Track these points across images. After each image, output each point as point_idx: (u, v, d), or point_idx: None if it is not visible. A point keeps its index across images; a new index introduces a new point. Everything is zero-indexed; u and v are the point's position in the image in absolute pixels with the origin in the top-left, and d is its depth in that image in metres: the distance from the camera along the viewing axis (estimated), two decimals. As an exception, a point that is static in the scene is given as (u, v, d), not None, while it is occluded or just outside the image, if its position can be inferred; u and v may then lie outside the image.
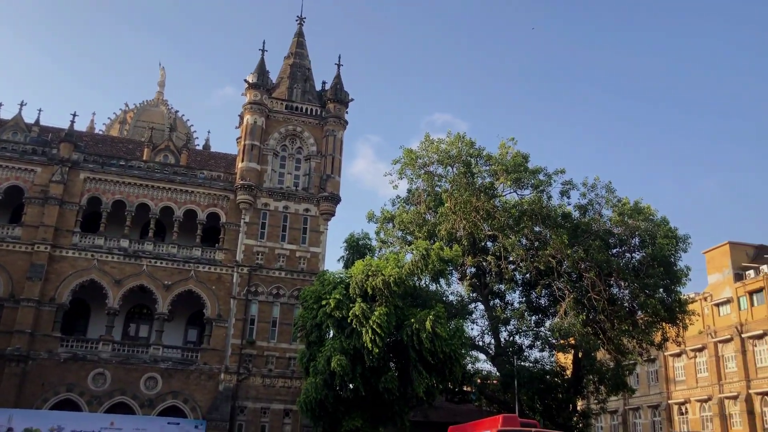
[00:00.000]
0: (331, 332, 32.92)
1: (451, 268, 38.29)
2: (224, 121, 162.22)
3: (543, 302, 40.52)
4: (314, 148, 45.24)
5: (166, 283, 40.61)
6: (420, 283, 35.47)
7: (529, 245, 37.23)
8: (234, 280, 41.29)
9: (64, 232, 40.15)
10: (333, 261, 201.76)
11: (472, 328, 41.36)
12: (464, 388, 41.15)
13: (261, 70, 45.27)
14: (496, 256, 37.11)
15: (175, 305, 40.94)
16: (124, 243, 40.97)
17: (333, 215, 44.26)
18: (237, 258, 41.73)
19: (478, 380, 40.71)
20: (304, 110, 46.22)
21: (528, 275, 38.52)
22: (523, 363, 39.22)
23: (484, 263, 38.10)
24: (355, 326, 30.82)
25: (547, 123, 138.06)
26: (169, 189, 42.65)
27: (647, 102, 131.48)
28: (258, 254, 42.10)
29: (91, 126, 61.49)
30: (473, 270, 40.21)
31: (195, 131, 64.19)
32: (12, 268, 38.71)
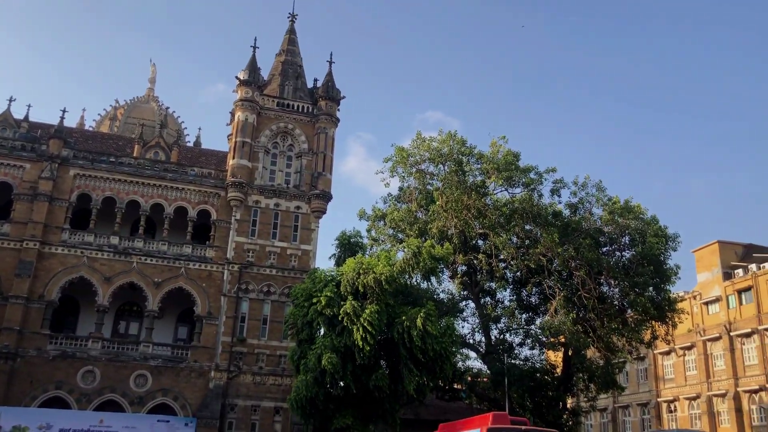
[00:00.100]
0: (322, 330, 32.89)
1: (442, 266, 38.32)
2: (215, 118, 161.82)
3: (533, 300, 40.63)
4: (305, 146, 45.17)
5: (157, 280, 40.47)
6: (411, 281, 35.51)
7: (520, 243, 37.33)
8: (225, 278, 41.20)
9: (54, 229, 39.93)
10: (324, 259, 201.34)
11: (463, 326, 41.44)
12: (455, 386, 41.22)
13: (252, 67, 45.14)
14: (487, 254, 37.18)
15: (165, 303, 40.82)
16: (114, 240, 40.78)
17: (324, 213, 44.24)
18: (228, 255, 41.63)
19: (469, 378, 40.80)
20: (295, 107, 46.14)
21: (518, 273, 38.61)
22: (513, 361, 39.31)
23: (475, 261, 38.16)
24: (346, 324, 30.81)
25: (539, 122, 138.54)
26: (160, 186, 42.49)
27: (638, 102, 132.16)
28: (249, 252, 42.02)
29: (81, 122, 61.18)
30: (464, 268, 40.26)
31: (186, 128, 63.98)
32: (0, 264, 38.44)
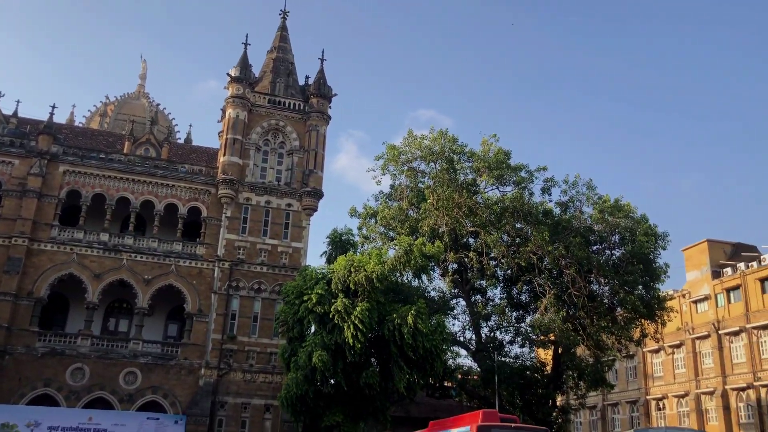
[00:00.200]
0: (313, 327, 32.89)
1: (433, 263, 38.40)
2: (207, 115, 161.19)
3: (524, 298, 40.74)
4: (297, 143, 45.08)
5: (147, 277, 40.31)
6: (402, 278, 35.53)
7: (511, 242, 37.42)
8: (215, 275, 41.08)
9: (43, 226, 39.68)
10: (315, 256, 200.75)
11: (454, 324, 41.50)
12: (445, 384, 41.31)
13: (244, 63, 45.00)
14: (477, 252, 37.26)
15: (155, 300, 40.66)
16: (104, 237, 40.58)
17: (315, 210, 44.19)
18: (218, 253, 41.52)
19: (459, 375, 40.88)
20: (286, 105, 46.03)
21: (509, 271, 38.71)
22: (503, 359, 39.45)
23: (466, 259, 38.23)
24: (336, 322, 30.80)
25: (530, 120, 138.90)
26: (150, 183, 42.30)
27: (629, 102, 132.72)
28: (239, 249, 41.92)
29: (71, 118, 60.80)
30: (455, 266, 40.34)
31: (176, 125, 63.72)
32: (-11, 261, 38.16)
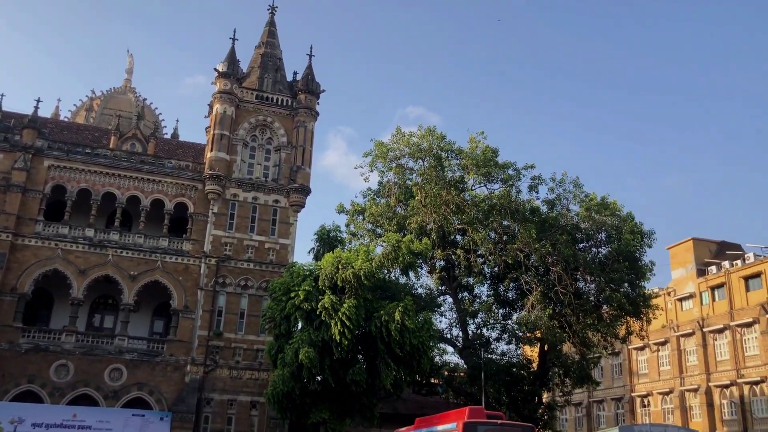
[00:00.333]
0: (300, 324, 32.86)
1: (421, 261, 38.52)
2: (194, 111, 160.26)
3: (510, 295, 40.92)
4: (285, 139, 44.91)
5: (132, 273, 40.01)
6: (389, 275, 35.56)
7: (498, 239, 37.56)
8: (201, 271, 40.87)
9: (27, 221, 39.28)
10: (303, 253, 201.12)
11: (441, 321, 41.67)
12: (432, 381, 41.44)
13: (231, 59, 44.73)
14: (465, 250, 37.35)
15: (141, 296, 40.37)
16: (89, 232, 40.24)
17: (303, 207, 44.04)
18: (205, 249, 41.30)
19: (446, 372, 41.04)
20: (274, 100, 45.82)
21: (496, 269, 38.88)
22: (490, 356, 39.64)
23: (453, 256, 38.32)
24: (324, 318, 30.79)
25: (519, 118, 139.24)
26: (136, 178, 41.98)
27: (616, 100, 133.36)
28: (226, 245, 41.73)
29: (56, 113, 60.17)
30: (442, 263, 40.44)
31: (163, 120, 63.22)
32: (-28, 256, 37.77)
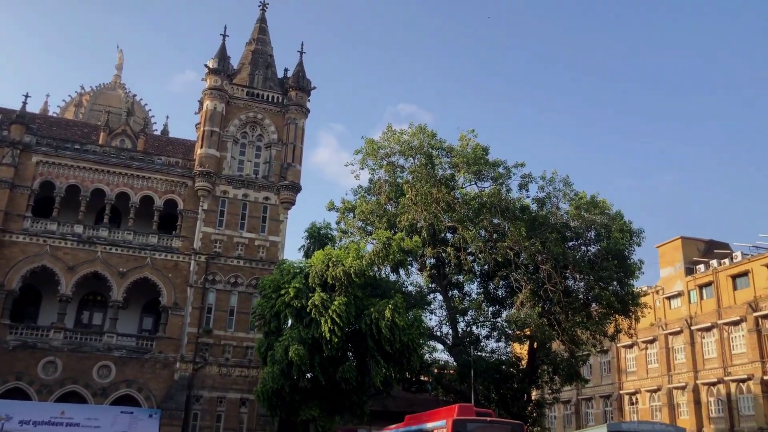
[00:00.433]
0: (290, 322, 32.85)
1: (411, 258, 38.55)
2: (184, 107, 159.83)
3: (500, 293, 41.01)
4: (275, 136, 44.80)
5: (122, 270, 39.83)
6: (380, 273, 35.57)
7: (488, 237, 37.62)
8: (191, 268, 40.73)
9: (15, 217, 39.00)
10: (293, 250, 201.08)
11: (431, 319, 41.70)
12: (421, 378, 41.51)
13: (222, 55, 44.57)
14: (455, 248, 37.40)
15: (130, 293, 40.19)
16: (78, 229, 40.00)
17: (293, 204, 43.97)
18: (194, 246, 41.16)
19: (435, 370, 41.12)
20: (265, 97, 45.70)
21: (486, 266, 38.93)
22: (479, 353, 39.72)
23: (444, 254, 38.36)
24: (314, 316, 30.78)
25: (510, 116, 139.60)
26: (126, 174, 41.75)
27: (606, 99, 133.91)
28: (216, 242, 41.60)
29: (45, 108, 59.74)
30: (433, 261, 40.49)
31: (153, 116, 62.80)
32: (-41, 252, 37.50)
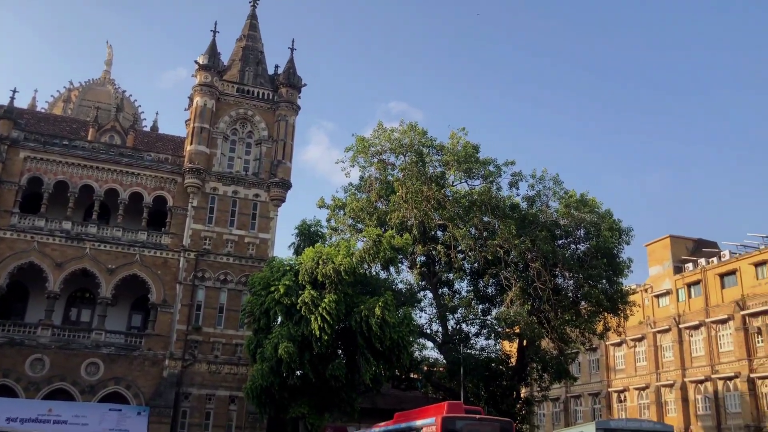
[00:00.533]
0: (280, 319, 32.76)
1: (401, 256, 38.54)
2: (174, 103, 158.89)
3: (490, 291, 41.12)
4: (265, 133, 44.65)
5: (110, 266, 39.60)
6: (370, 270, 35.55)
7: (478, 235, 37.69)
8: (180, 265, 40.55)
9: (2, 213, 38.64)
10: (283, 247, 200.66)
11: (421, 316, 41.74)
12: (411, 376, 41.55)
13: (212, 51, 44.35)
14: (445, 246, 37.45)
15: (119, 290, 39.96)
16: (67, 225, 39.72)
17: (283, 201, 43.86)
18: (184, 243, 40.98)
19: (425, 368, 41.18)
20: (255, 94, 45.54)
21: (476, 264, 39.03)
22: (469, 351, 39.84)
23: (434, 252, 38.41)
24: (303, 313, 30.73)
25: (501, 114, 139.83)
26: (115, 171, 41.49)
27: (596, 97, 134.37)
28: (206, 239, 41.44)
29: (33, 104, 59.19)
30: (423, 259, 40.54)
31: (143, 112, 62.36)
32: (-55, 249, 37.16)
